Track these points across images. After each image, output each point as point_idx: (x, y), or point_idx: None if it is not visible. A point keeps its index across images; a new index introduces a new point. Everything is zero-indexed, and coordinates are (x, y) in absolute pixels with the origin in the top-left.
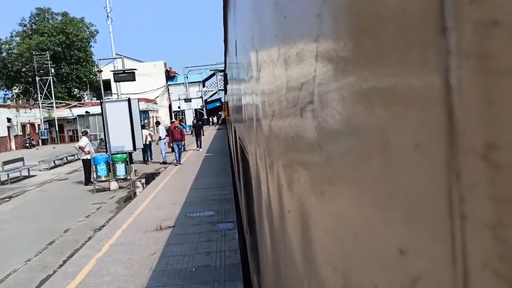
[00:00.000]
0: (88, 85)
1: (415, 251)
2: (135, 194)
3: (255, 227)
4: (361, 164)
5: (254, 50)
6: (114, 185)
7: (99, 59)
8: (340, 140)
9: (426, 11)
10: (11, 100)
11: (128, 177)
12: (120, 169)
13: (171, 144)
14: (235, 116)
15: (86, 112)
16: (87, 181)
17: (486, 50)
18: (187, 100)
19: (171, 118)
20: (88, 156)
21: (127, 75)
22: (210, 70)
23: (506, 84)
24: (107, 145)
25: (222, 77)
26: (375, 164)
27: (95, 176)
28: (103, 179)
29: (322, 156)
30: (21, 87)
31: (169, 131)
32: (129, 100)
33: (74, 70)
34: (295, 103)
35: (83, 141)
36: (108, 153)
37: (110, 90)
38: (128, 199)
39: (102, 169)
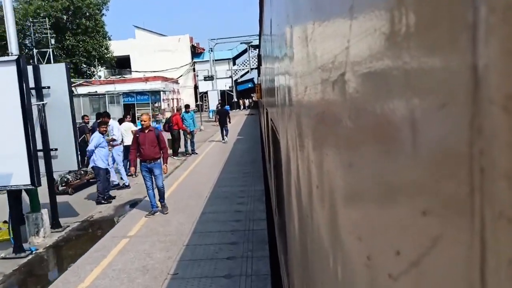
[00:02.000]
0: (97, 60)
1: (437, 211)
2: None
3: (283, 207)
4: (388, 132)
5: (288, 28)
6: None
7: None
8: (367, 113)
9: None
10: None
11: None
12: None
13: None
14: (267, 98)
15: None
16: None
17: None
18: (208, 78)
19: (196, 101)
20: None
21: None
22: (241, 43)
23: None
24: None
25: (255, 53)
26: (401, 130)
27: None
28: None
29: (348, 128)
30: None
31: (167, 125)
32: (19, 60)
33: (81, 42)
34: (325, 79)
35: None
36: None
37: (130, 67)
38: None
39: None
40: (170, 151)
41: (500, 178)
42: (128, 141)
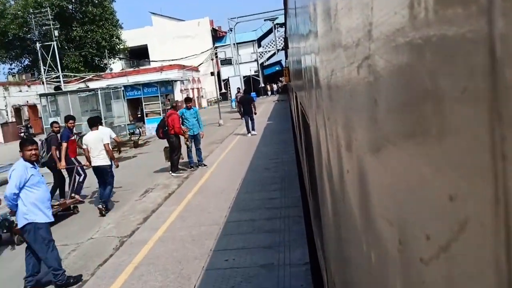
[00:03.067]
0: (107, 52)
1: (462, 196)
2: None
3: (317, 191)
4: (414, 117)
5: (312, 7)
6: None
7: None
8: (394, 95)
9: None
10: (15, 75)
11: None
12: None
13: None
14: (295, 82)
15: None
16: None
17: None
18: (225, 62)
19: (220, 89)
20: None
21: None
22: (265, 21)
23: None
24: None
25: (282, 32)
26: (427, 114)
27: None
28: None
29: (377, 113)
30: (29, 58)
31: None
32: None
33: (89, 32)
34: (352, 61)
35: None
36: None
37: (148, 58)
38: None
39: None
40: (167, 164)
41: None
42: (101, 160)
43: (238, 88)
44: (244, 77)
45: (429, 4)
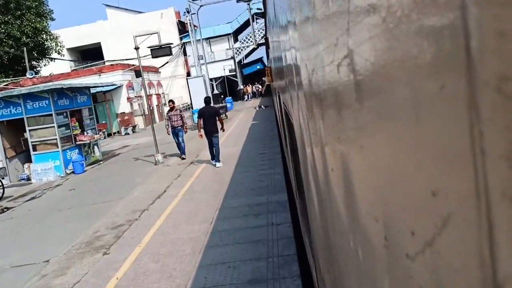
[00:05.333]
0: (25, 50)
1: (445, 191)
2: None
3: (303, 190)
4: (395, 114)
5: (290, 9)
6: None
7: None
8: (374, 93)
9: None
10: None
11: None
12: None
13: None
14: (277, 82)
15: None
16: None
17: None
18: (167, 54)
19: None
20: None
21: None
22: (238, 1)
23: None
24: None
25: (262, 23)
26: (407, 111)
27: None
28: None
29: (358, 110)
30: None
31: None
32: None
33: (2, 25)
34: (331, 59)
35: None
36: None
37: (102, 57)
38: None
39: None
40: None
41: (500, 159)
42: None
43: (171, 101)
44: (216, 78)
45: (404, 1)
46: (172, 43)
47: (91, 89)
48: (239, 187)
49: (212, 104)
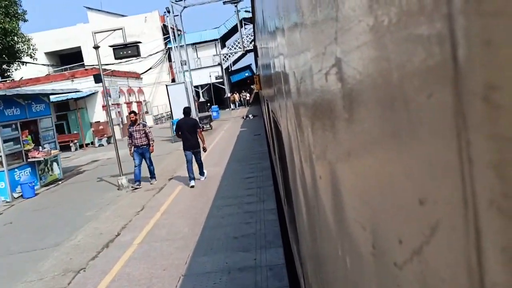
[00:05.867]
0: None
1: (432, 200)
2: None
3: (291, 198)
4: (383, 122)
5: (278, 17)
6: None
7: None
8: (362, 102)
9: None
10: None
11: None
12: None
13: None
14: (266, 90)
15: None
16: None
17: None
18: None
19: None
20: None
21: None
22: (224, 3)
23: (502, 24)
24: None
25: (251, 28)
26: (395, 120)
27: None
28: None
29: (345, 118)
30: None
31: None
32: None
33: None
34: (319, 68)
35: None
36: None
37: (82, 61)
38: None
39: None
40: None
41: (487, 168)
42: None
43: (133, 112)
44: (202, 86)
45: (392, 11)
46: (140, 42)
47: (60, 95)
48: (216, 232)
49: (195, 115)
